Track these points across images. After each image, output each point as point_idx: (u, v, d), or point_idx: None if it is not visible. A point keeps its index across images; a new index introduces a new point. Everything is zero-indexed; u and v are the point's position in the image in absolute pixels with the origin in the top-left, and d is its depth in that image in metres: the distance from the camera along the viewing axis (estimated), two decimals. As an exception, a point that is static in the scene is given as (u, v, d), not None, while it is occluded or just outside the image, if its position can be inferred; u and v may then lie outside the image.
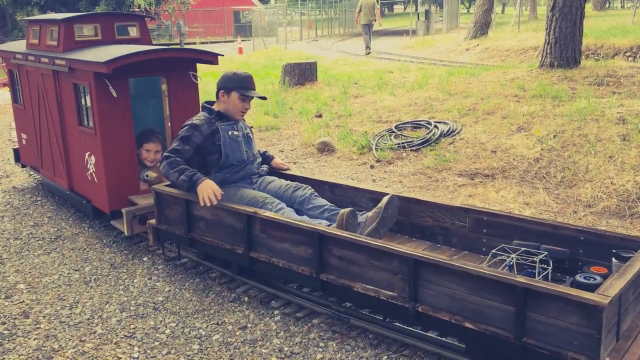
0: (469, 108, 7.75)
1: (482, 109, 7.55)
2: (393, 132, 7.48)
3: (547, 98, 7.46)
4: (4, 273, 4.34)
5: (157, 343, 3.36)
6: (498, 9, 37.25)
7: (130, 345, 3.34)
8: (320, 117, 8.80)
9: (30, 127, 5.85)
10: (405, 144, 7.00)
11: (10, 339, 3.44)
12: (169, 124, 4.87)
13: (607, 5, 31.33)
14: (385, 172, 6.45)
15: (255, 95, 3.95)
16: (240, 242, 3.61)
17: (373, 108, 8.76)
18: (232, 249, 3.67)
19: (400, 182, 6.09)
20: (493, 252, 3.20)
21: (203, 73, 8.88)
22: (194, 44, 28.38)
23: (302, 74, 11.12)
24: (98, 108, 4.38)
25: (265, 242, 3.49)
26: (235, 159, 3.90)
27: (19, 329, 3.55)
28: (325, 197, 4.02)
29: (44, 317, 3.69)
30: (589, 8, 26.32)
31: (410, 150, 6.88)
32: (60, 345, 3.36)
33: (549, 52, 8.64)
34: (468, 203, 4.52)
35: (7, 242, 4.95)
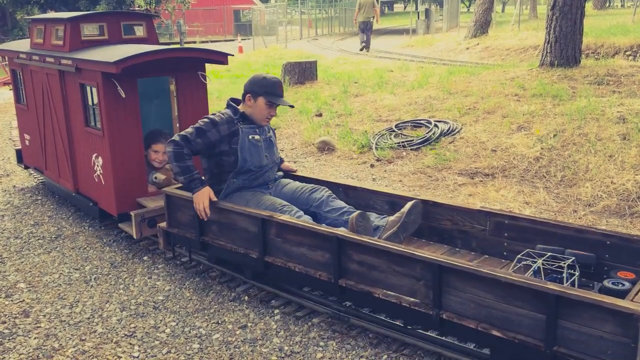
0: (469, 107, 7.74)
1: (482, 108, 7.55)
2: (393, 131, 7.48)
3: (547, 97, 7.46)
4: (4, 272, 4.34)
5: (157, 342, 3.36)
6: (498, 8, 37.23)
7: (131, 344, 3.35)
8: (321, 116, 8.80)
9: (34, 127, 5.77)
10: (406, 143, 7.00)
11: (11, 338, 3.44)
12: (177, 125, 4.80)
13: (607, 4, 31.33)
14: (385, 171, 6.45)
15: (283, 103, 3.78)
16: (255, 246, 3.54)
17: (373, 107, 8.75)
18: (246, 253, 3.60)
19: (400, 181, 6.09)
20: (518, 257, 3.11)
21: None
22: (194, 43, 28.36)
23: (302, 73, 11.11)
24: (106, 109, 4.32)
25: (281, 246, 3.43)
26: (254, 165, 3.75)
27: (19, 328, 3.55)
28: (339, 200, 3.91)
29: (44, 316, 3.69)
30: (589, 7, 26.32)
31: (411, 150, 6.88)
32: (61, 345, 3.36)
33: (549, 51, 8.63)
34: (488, 206, 4.36)
35: (7, 241, 4.95)
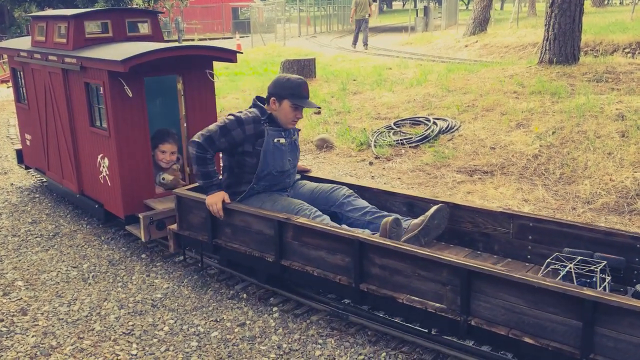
0: (468, 104, 7.74)
1: (481, 106, 7.54)
2: (392, 128, 7.47)
3: (546, 94, 7.45)
4: (2, 270, 4.33)
5: (155, 340, 3.36)
6: (497, 6, 37.20)
7: (129, 342, 3.34)
8: (319, 113, 8.79)
9: (36, 127, 5.63)
10: (404, 141, 6.99)
11: (8, 336, 3.43)
12: (185, 124, 4.64)
13: (605, 2, 31.29)
14: (384, 168, 6.45)
15: (309, 106, 3.64)
16: (271, 249, 3.46)
17: (372, 105, 8.74)
18: (261, 257, 3.52)
19: (399, 178, 6.08)
20: (548, 261, 3.03)
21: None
22: (192, 41, 28.30)
23: (300, 71, 11.09)
24: (112, 108, 4.20)
25: (298, 249, 3.34)
26: (276, 169, 3.64)
27: (17, 326, 3.54)
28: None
29: (42, 314, 3.68)
30: (588, 4, 26.29)
31: (409, 147, 6.87)
32: (59, 342, 3.36)
33: (548, 48, 8.63)
34: (511, 208, 4.24)
35: (4, 239, 4.93)
